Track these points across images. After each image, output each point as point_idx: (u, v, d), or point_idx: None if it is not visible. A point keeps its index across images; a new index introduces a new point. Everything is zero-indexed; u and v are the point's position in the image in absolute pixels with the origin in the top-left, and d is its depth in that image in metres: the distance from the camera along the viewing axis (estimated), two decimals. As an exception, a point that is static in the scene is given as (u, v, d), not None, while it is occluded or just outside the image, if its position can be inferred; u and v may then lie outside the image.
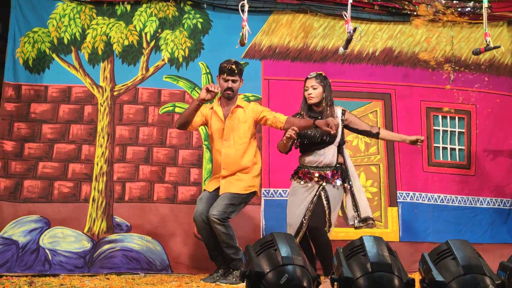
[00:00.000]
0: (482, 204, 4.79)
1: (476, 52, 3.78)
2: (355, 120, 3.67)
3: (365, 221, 3.55)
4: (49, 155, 4.31)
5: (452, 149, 4.87)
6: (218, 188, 3.65)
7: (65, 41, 4.48)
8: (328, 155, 3.52)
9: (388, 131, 3.80)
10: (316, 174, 3.50)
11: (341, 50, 3.54)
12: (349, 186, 3.57)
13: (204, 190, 3.78)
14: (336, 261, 2.29)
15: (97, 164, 4.35)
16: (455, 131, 4.90)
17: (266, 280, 2.13)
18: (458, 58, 4.95)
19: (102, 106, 4.46)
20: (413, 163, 4.74)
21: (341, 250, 2.31)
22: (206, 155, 4.50)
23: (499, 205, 4.81)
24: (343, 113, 3.64)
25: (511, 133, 4.91)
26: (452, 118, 4.90)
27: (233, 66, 3.62)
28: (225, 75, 3.63)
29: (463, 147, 4.88)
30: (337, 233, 4.48)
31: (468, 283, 2.06)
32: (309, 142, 3.54)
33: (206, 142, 4.52)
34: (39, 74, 4.42)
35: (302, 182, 3.54)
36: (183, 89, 4.58)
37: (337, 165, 3.55)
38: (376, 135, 3.65)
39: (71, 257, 4.09)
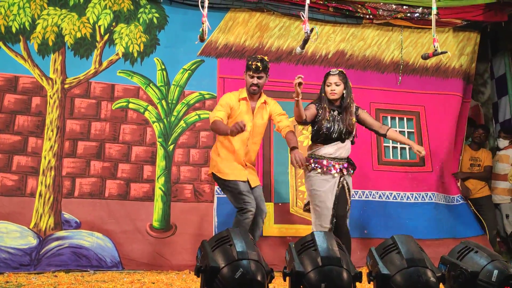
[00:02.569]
0: (431, 199, 4.98)
1: (425, 57, 3.97)
2: (366, 117, 3.92)
3: None
4: (-10, 145, 4.12)
5: (402, 148, 5.08)
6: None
7: (13, 30, 4.30)
8: (346, 148, 3.78)
9: (396, 133, 4.03)
10: (337, 166, 3.72)
11: (298, 49, 3.62)
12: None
13: (238, 181, 3.65)
14: (288, 256, 2.35)
15: (45, 157, 4.21)
16: (404, 131, 5.11)
17: (221, 274, 2.16)
18: (406, 62, 5.17)
19: (51, 98, 4.32)
20: (363, 163, 4.89)
21: (293, 245, 2.37)
22: (160, 152, 4.47)
23: (457, 201, 5.04)
24: (357, 109, 3.89)
25: (460, 130, 5.18)
26: (401, 119, 5.11)
27: (259, 64, 3.67)
28: (251, 72, 3.69)
29: (414, 146, 5.10)
30: (287, 229, 4.59)
31: (411, 275, 2.17)
32: (330, 136, 3.72)
33: (160, 139, 4.48)
34: (-17, 62, 4.22)
35: (324, 174, 3.69)
36: (138, 85, 4.52)
37: (349, 158, 3.84)
38: (383, 136, 3.94)
39: (16, 254, 3.91)
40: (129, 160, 4.38)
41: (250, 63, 3.70)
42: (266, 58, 3.79)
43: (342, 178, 3.72)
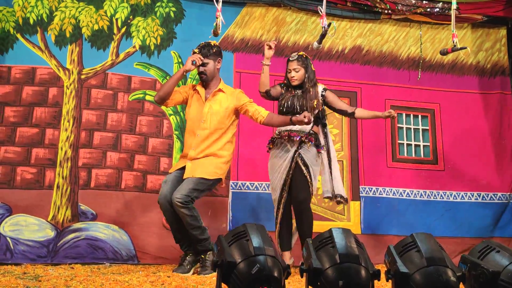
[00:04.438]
0: (456, 199, 4.96)
1: (444, 53, 3.91)
2: (333, 99, 3.78)
3: (335, 198, 3.68)
4: (11, 139, 4.16)
5: (417, 146, 5.04)
6: (182, 168, 3.57)
7: (31, 21, 4.34)
8: (308, 127, 3.60)
9: (364, 110, 3.89)
10: (291, 137, 3.56)
11: (315, 44, 3.59)
12: (327, 161, 3.69)
13: (169, 173, 3.70)
14: (306, 252, 2.33)
15: (62, 148, 4.24)
16: (418, 128, 5.06)
17: (237, 269, 2.15)
18: (424, 58, 5.11)
19: (68, 88, 4.34)
20: (377, 159, 4.88)
21: (311, 242, 2.36)
22: (177, 144, 4.48)
23: (475, 199, 4.99)
24: (324, 90, 3.77)
25: (479, 129, 5.11)
26: (416, 116, 5.06)
27: (196, 51, 3.59)
28: (196, 57, 3.60)
29: (428, 144, 5.05)
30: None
31: (431, 275, 2.14)
32: (290, 112, 3.61)
33: (176, 132, 4.49)
34: (2, 54, 4.25)
35: (277, 147, 3.62)
36: (154, 77, 4.53)
37: (311, 132, 3.64)
38: (352, 114, 3.78)
39: (34, 246, 3.95)
40: (146, 152, 4.39)
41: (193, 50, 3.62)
42: (213, 42, 3.67)
43: (296, 154, 3.55)
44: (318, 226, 4.48)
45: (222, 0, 3.43)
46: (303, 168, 3.54)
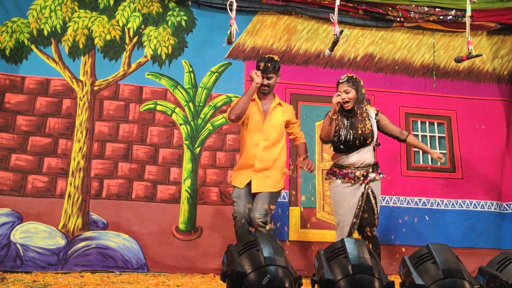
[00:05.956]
0: (476, 207, 4.84)
1: (458, 60, 3.85)
2: (387, 123, 3.77)
3: None
4: (23, 147, 4.19)
5: (434, 154, 4.94)
6: (249, 183, 3.61)
7: (45, 32, 4.38)
8: (368, 155, 3.64)
9: (416, 140, 3.89)
10: (358, 173, 3.59)
11: (327, 52, 3.56)
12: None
13: (235, 187, 3.63)
14: (317, 263, 2.29)
15: (74, 159, 4.26)
16: (435, 135, 4.98)
17: (248, 280, 2.11)
18: (438, 66, 5.05)
19: (81, 100, 4.37)
20: (391, 168, 4.79)
21: (322, 252, 2.31)
22: (187, 154, 4.46)
23: (495, 208, 4.85)
24: (377, 114, 3.76)
25: (498, 135, 5.00)
26: (431, 123, 4.98)
27: (269, 65, 3.63)
28: (259, 72, 3.65)
29: (445, 151, 4.96)
30: (313, 235, 4.51)
31: (448, 287, 2.08)
32: (346, 145, 3.61)
33: (187, 142, 4.48)
34: (16, 64, 4.30)
35: (347, 182, 3.60)
36: (165, 87, 4.53)
37: (375, 163, 3.69)
38: (403, 141, 3.80)
39: (44, 253, 3.98)
40: (156, 162, 4.39)
41: (259, 64, 3.66)
42: (276, 57, 3.72)
43: (367, 187, 3.59)
44: (328, 236, 4.44)
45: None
46: (373, 200, 3.61)
